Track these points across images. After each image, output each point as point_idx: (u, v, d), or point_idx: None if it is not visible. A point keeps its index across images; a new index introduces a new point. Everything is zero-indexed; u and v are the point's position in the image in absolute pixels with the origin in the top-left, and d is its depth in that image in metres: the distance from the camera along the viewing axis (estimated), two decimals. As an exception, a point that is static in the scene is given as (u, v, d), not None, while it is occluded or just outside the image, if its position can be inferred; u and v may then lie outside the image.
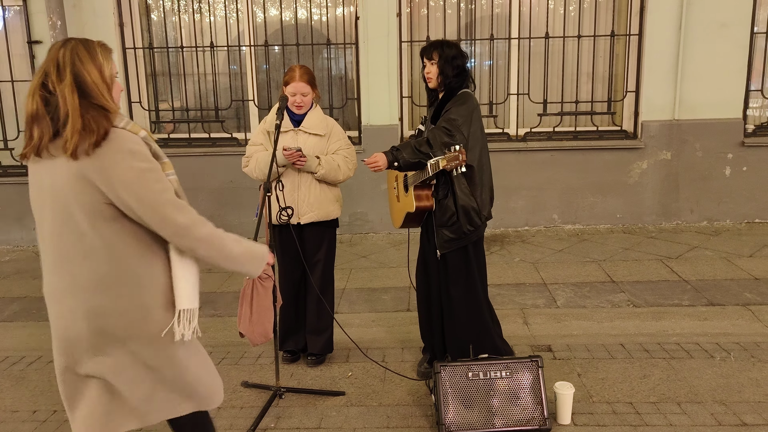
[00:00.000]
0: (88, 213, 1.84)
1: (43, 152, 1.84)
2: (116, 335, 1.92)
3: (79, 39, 1.91)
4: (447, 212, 3.01)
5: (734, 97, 5.94)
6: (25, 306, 4.72)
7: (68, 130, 1.78)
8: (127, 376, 1.95)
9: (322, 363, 3.59)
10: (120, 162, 1.80)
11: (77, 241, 1.87)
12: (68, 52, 1.85)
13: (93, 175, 1.81)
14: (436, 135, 2.97)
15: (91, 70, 1.86)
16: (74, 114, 1.79)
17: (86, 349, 1.93)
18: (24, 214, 6.31)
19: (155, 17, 6.29)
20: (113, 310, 1.90)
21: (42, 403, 3.28)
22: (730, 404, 3.02)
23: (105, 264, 1.88)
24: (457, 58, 3.07)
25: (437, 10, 6.12)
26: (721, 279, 4.67)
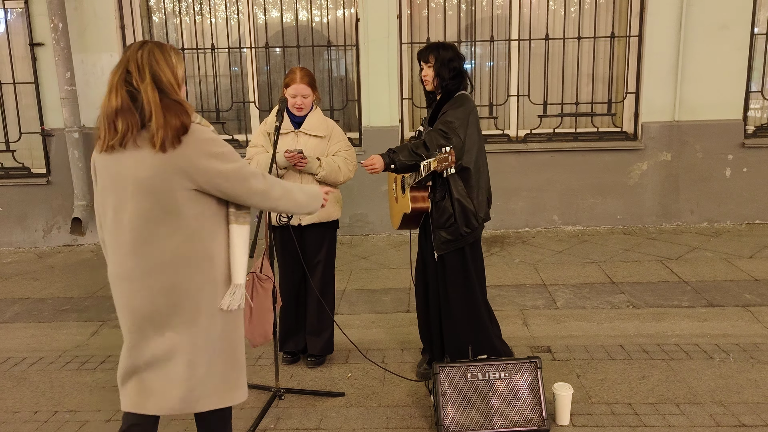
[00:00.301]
0: (174, 198, 2.05)
1: (129, 144, 2.02)
2: (191, 309, 2.12)
3: (154, 42, 2.11)
4: (444, 214, 3.02)
5: (734, 98, 5.95)
6: (26, 307, 4.73)
7: (153, 125, 1.99)
8: (197, 351, 2.14)
9: (321, 364, 3.60)
10: (205, 151, 2.04)
11: (161, 224, 2.06)
12: (145, 54, 2.05)
13: (182, 165, 2.02)
14: (432, 137, 2.98)
15: (165, 70, 2.06)
16: (157, 110, 1.99)
17: (160, 324, 2.12)
18: (26, 216, 6.33)
19: (156, 19, 6.31)
20: (190, 286, 2.11)
21: (43, 404, 3.30)
22: (728, 405, 3.03)
23: (186, 243, 2.08)
24: (454, 61, 3.08)
25: (438, 12, 6.14)
26: (721, 280, 4.68)
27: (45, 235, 6.38)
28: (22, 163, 6.35)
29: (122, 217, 2.09)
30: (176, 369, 2.14)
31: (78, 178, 6.05)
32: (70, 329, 4.29)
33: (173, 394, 2.16)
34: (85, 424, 3.08)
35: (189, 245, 2.09)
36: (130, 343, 2.20)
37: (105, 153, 2.08)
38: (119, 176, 2.07)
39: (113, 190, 2.10)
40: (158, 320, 2.12)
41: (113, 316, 4.46)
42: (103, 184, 2.13)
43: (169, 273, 2.10)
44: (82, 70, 6.07)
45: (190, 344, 2.13)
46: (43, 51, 6.03)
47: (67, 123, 5.95)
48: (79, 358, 3.85)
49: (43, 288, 5.16)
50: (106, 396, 3.36)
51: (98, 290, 5.03)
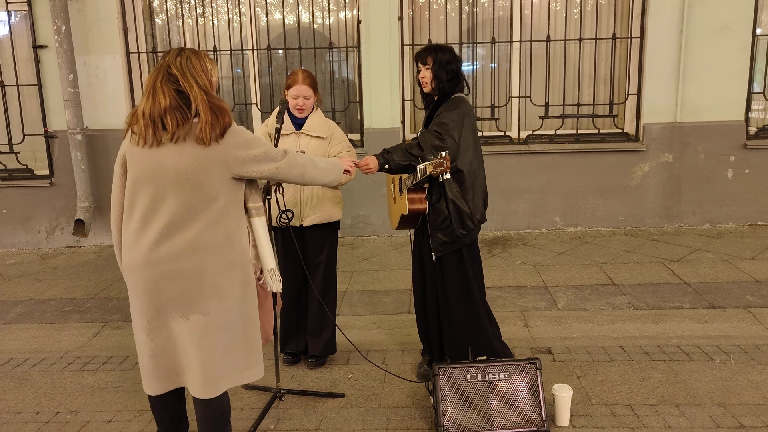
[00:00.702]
0: (212, 187, 2.28)
1: (178, 138, 2.23)
2: (215, 291, 2.31)
3: (190, 49, 2.34)
4: (440, 216, 3.03)
5: (736, 99, 5.94)
6: (29, 308, 4.75)
7: (201, 122, 2.22)
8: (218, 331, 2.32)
9: (322, 365, 3.61)
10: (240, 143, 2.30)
11: (196, 212, 2.27)
12: (184, 60, 2.28)
13: (222, 156, 2.27)
14: (426, 138, 2.99)
15: (202, 75, 2.29)
16: (206, 110, 2.22)
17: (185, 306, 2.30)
18: (29, 218, 6.36)
19: (159, 21, 6.34)
20: (214, 269, 2.30)
21: (45, 405, 3.31)
22: (729, 407, 3.03)
23: (213, 229, 2.30)
24: (451, 63, 3.09)
25: (439, 14, 6.15)
26: (723, 281, 4.67)
27: (48, 237, 6.41)
28: (26, 165, 6.38)
29: (160, 206, 2.28)
30: (200, 349, 2.30)
31: (81, 179, 6.07)
32: (72, 330, 4.31)
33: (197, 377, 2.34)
34: (86, 425, 3.10)
35: (215, 230, 2.30)
36: (150, 327, 2.34)
37: (145, 148, 2.27)
38: (160, 168, 2.26)
39: (152, 180, 2.28)
40: (185, 302, 2.30)
41: (115, 318, 4.48)
42: (138, 175, 2.30)
43: (198, 257, 2.28)
44: (85, 73, 6.10)
45: (213, 325, 2.31)
46: (47, 53, 6.06)
47: (70, 125, 5.98)
48: (81, 359, 3.86)
49: (46, 289, 5.18)
50: (107, 397, 3.37)
51: (100, 291, 5.05)
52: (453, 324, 3.17)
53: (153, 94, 2.26)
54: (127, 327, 4.31)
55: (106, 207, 6.33)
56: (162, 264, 2.28)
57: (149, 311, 2.33)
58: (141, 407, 3.24)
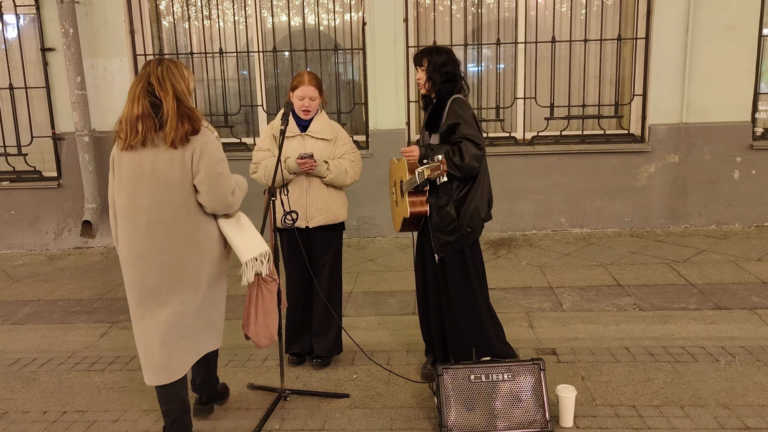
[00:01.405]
0: (183, 188, 2.56)
1: (148, 143, 2.52)
2: (195, 282, 2.63)
3: (169, 59, 2.63)
4: (447, 217, 3.04)
5: (742, 100, 5.92)
6: (37, 309, 4.79)
7: (167, 127, 2.49)
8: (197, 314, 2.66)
9: (327, 365, 3.62)
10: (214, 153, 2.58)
11: (172, 211, 2.56)
12: (165, 70, 2.55)
13: (187, 158, 2.53)
14: (468, 147, 2.98)
15: (180, 83, 2.56)
16: (172, 116, 2.49)
17: (164, 296, 2.60)
18: (37, 219, 6.41)
19: (166, 24, 6.38)
20: (194, 262, 2.62)
21: (52, 404, 3.34)
22: (733, 408, 3.02)
23: (192, 227, 2.59)
24: (447, 65, 3.10)
25: (444, 15, 6.16)
26: (729, 282, 4.65)
27: (56, 238, 6.46)
28: (34, 167, 6.43)
29: (140, 203, 2.55)
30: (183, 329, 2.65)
31: (88, 181, 6.11)
32: (79, 331, 4.34)
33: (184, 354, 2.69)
34: (93, 425, 3.12)
35: (194, 228, 2.60)
36: (138, 314, 2.66)
37: (126, 151, 2.55)
38: (139, 169, 2.54)
39: (132, 180, 2.56)
40: (164, 293, 2.60)
41: (122, 318, 4.51)
42: (121, 176, 2.58)
43: (178, 252, 2.58)
44: (93, 75, 6.15)
45: (192, 309, 2.65)
46: (54, 56, 6.11)
47: (78, 127, 6.02)
48: (88, 359, 3.89)
49: (54, 290, 5.22)
50: (114, 397, 3.40)
51: (108, 292, 5.08)
52: (456, 324, 3.18)
53: (131, 102, 2.55)
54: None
55: (113, 208, 6.37)
56: (145, 258, 2.57)
57: (136, 301, 2.64)
58: (147, 407, 3.27)
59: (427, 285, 3.33)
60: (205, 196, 2.59)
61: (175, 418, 2.77)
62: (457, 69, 3.14)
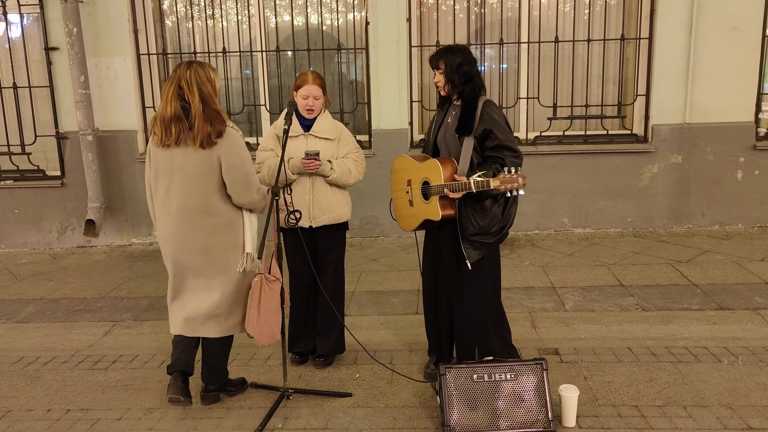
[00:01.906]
0: (211, 184, 2.89)
1: (181, 142, 2.83)
2: (220, 265, 2.97)
3: (197, 62, 2.90)
4: (494, 218, 3.05)
5: (746, 100, 5.91)
6: (40, 307, 4.81)
7: (195, 128, 2.80)
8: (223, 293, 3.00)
9: (330, 364, 3.63)
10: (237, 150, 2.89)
11: (199, 202, 2.90)
12: (192, 73, 2.83)
13: (215, 159, 2.85)
14: (510, 161, 3.01)
15: (207, 85, 2.85)
16: (199, 118, 2.80)
17: (194, 273, 3.00)
18: (40, 218, 6.43)
19: (169, 23, 6.39)
20: (219, 248, 2.95)
21: (56, 402, 3.35)
22: (736, 408, 3.02)
23: (215, 217, 2.92)
24: (464, 65, 3.08)
25: (447, 15, 6.16)
26: (732, 283, 4.65)
27: (59, 237, 6.47)
28: (37, 166, 6.44)
29: (171, 195, 2.91)
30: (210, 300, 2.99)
31: (92, 180, 6.13)
32: (83, 329, 4.35)
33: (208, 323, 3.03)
34: (96, 423, 3.13)
35: (219, 218, 2.93)
36: (173, 284, 3.06)
37: (161, 147, 2.87)
38: (171, 165, 2.88)
39: (166, 174, 2.90)
40: (195, 270, 2.99)
41: (125, 317, 4.52)
42: (157, 168, 2.93)
43: (204, 238, 2.93)
44: (96, 74, 6.16)
45: (219, 286, 2.98)
46: (58, 55, 6.12)
47: (81, 126, 6.03)
48: (91, 357, 3.91)
49: (57, 288, 5.23)
50: (117, 395, 3.41)
51: (111, 291, 5.09)
52: (467, 323, 3.21)
53: (165, 103, 2.84)
54: (137, 326, 4.35)
55: (116, 207, 6.39)
56: (176, 242, 2.95)
57: (172, 273, 3.04)
58: (150, 405, 3.28)
59: (437, 282, 3.33)
60: (233, 193, 2.92)
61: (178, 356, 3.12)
62: (473, 68, 3.11)
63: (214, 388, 3.23)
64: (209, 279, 2.98)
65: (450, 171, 3.06)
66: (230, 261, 2.97)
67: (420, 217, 3.23)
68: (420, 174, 3.21)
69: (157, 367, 3.73)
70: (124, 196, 6.37)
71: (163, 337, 4.16)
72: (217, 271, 2.98)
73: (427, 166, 3.16)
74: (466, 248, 3.09)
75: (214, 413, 3.16)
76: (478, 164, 3.07)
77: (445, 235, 3.22)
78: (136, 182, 6.31)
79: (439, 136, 3.27)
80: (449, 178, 3.04)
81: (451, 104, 3.24)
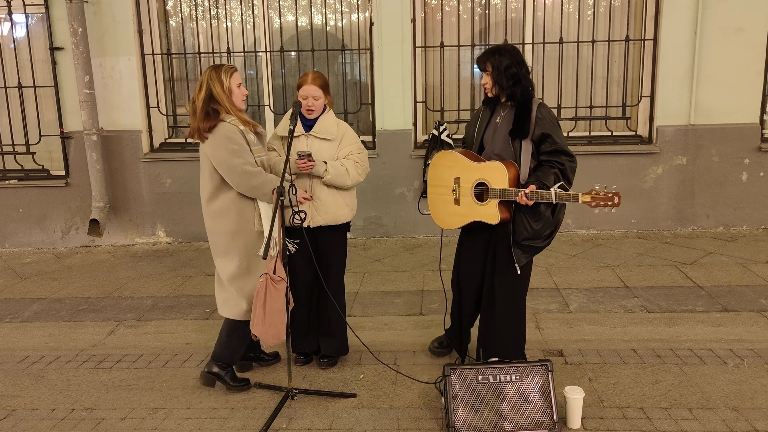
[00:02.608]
0: (206, 172, 3.18)
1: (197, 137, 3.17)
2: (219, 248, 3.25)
3: (214, 65, 3.17)
4: (548, 222, 3.08)
5: (751, 101, 5.89)
6: (44, 307, 4.81)
7: (193, 124, 3.15)
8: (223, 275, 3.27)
9: (334, 365, 3.62)
10: (219, 142, 3.10)
11: (204, 189, 3.23)
12: (206, 75, 3.14)
13: (208, 151, 3.13)
14: (568, 168, 3.05)
15: (216, 85, 3.12)
16: (197, 114, 3.12)
17: (213, 253, 3.32)
18: (44, 217, 6.44)
19: (173, 24, 6.40)
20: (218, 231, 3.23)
21: (60, 402, 3.36)
22: (742, 410, 3.01)
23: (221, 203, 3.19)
24: (512, 67, 3.05)
25: (452, 15, 6.15)
26: (737, 285, 4.64)
27: (63, 236, 6.49)
28: (42, 165, 6.46)
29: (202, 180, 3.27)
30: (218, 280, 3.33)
31: (96, 180, 6.14)
32: (87, 329, 4.36)
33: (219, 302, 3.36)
34: (101, 422, 3.13)
35: (214, 205, 3.19)
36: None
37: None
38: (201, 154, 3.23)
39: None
40: (214, 251, 3.31)
41: (129, 317, 4.52)
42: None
43: (208, 222, 3.25)
44: (101, 74, 6.17)
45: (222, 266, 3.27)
46: (63, 55, 6.14)
47: (86, 126, 6.05)
48: (95, 357, 3.91)
49: (61, 288, 5.24)
50: (121, 395, 3.41)
51: (115, 290, 5.10)
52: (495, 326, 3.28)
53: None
54: (141, 326, 4.35)
55: (120, 207, 6.39)
56: (205, 221, 3.28)
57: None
58: (155, 405, 3.28)
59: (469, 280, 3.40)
60: (229, 182, 3.13)
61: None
62: (522, 69, 3.08)
63: (208, 371, 3.38)
64: (216, 259, 3.31)
65: (514, 175, 3.04)
66: (230, 246, 3.20)
67: (470, 218, 3.19)
68: (474, 174, 3.15)
69: (162, 366, 3.73)
70: (128, 196, 6.38)
71: (167, 336, 4.17)
72: (218, 253, 3.27)
73: (488, 168, 3.10)
74: (516, 252, 3.11)
75: (219, 413, 3.16)
76: (534, 168, 3.06)
77: (486, 236, 3.24)
78: (140, 182, 6.32)
79: (486, 135, 3.24)
80: (513, 183, 3.03)
81: (500, 104, 3.21)
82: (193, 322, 4.37)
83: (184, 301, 4.79)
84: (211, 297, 4.83)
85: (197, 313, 4.54)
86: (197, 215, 6.38)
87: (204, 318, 4.44)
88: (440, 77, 6.21)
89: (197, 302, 4.74)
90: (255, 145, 3.22)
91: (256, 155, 3.20)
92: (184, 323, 4.36)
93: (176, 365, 3.74)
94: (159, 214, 6.40)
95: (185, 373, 3.63)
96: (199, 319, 4.42)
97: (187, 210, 6.31)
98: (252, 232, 3.23)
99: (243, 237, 3.21)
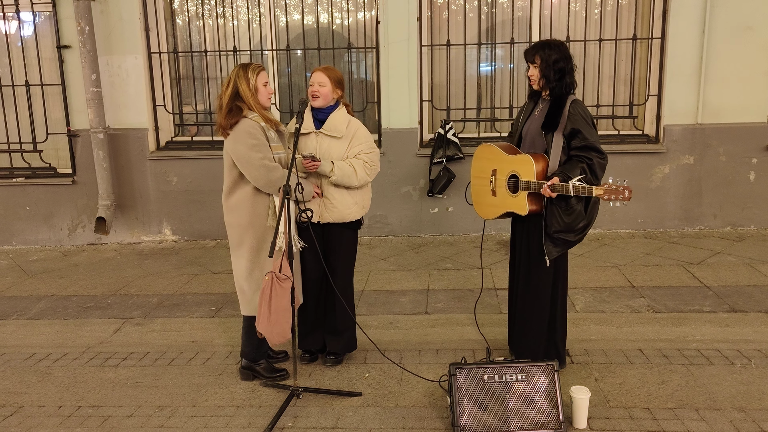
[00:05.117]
0: (227, 167, 3.27)
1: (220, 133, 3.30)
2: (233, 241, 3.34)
3: (242, 64, 3.27)
4: (579, 216, 3.10)
5: (759, 101, 5.86)
6: (51, 304, 4.83)
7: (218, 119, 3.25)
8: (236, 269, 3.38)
9: (340, 363, 3.62)
10: (239, 137, 3.19)
11: (224, 183, 3.30)
12: (234, 73, 3.22)
13: (228, 145, 3.23)
14: (597, 164, 3.07)
15: (242, 83, 3.20)
16: (221, 110, 3.22)
17: (230, 247, 3.40)
18: (51, 215, 6.47)
19: (180, 22, 6.41)
20: (234, 224, 3.31)
21: (67, 399, 3.37)
22: (749, 411, 2.99)
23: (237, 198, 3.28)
24: (559, 61, 3.10)
25: (458, 14, 6.14)
26: (744, 285, 4.61)
27: (70, 234, 6.51)
28: (49, 163, 6.48)
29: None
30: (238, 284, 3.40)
31: (102, 178, 6.15)
32: (93, 326, 4.37)
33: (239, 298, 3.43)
34: (107, 419, 3.14)
35: (238, 198, 3.27)
36: None
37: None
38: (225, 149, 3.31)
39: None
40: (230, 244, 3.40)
41: (135, 314, 4.54)
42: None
43: (226, 215, 3.33)
44: (108, 72, 6.18)
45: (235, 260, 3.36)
46: (70, 53, 6.16)
47: (93, 124, 6.06)
48: (102, 354, 3.92)
49: (68, 285, 5.26)
50: (128, 392, 3.42)
51: (121, 288, 5.12)
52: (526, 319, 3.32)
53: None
54: (147, 323, 4.37)
55: (127, 205, 6.41)
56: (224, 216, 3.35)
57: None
58: (161, 403, 3.29)
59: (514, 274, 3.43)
60: (247, 177, 3.20)
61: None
62: (568, 65, 3.13)
63: (242, 365, 3.49)
64: (232, 253, 3.39)
65: (542, 168, 3.10)
66: (243, 238, 3.28)
67: (503, 209, 3.29)
68: (508, 166, 3.24)
69: (167, 364, 3.74)
70: (135, 194, 6.40)
71: (173, 334, 4.18)
72: (233, 245, 3.36)
73: (519, 161, 3.19)
74: (547, 245, 3.15)
75: (224, 411, 3.17)
76: (563, 162, 3.10)
77: (525, 229, 3.28)
78: (147, 180, 6.34)
79: (525, 128, 3.31)
80: (541, 175, 3.08)
81: (541, 98, 3.27)
82: (199, 320, 4.38)
83: (190, 299, 4.80)
84: (216, 295, 4.84)
85: (203, 311, 4.55)
86: (203, 213, 6.43)
87: (210, 316, 4.45)
88: (446, 76, 6.20)
89: (203, 300, 4.75)
90: (275, 142, 3.26)
91: (275, 152, 3.24)
92: (190, 321, 4.37)
93: (182, 363, 3.75)
94: (165, 212, 6.41)
95: (191, 371, 3.63)
96: (205, 317, 4.43)
97: (194, 208, 6.32)
98: (264, 227, 3.27)
99: (254, 231, 3.26)
